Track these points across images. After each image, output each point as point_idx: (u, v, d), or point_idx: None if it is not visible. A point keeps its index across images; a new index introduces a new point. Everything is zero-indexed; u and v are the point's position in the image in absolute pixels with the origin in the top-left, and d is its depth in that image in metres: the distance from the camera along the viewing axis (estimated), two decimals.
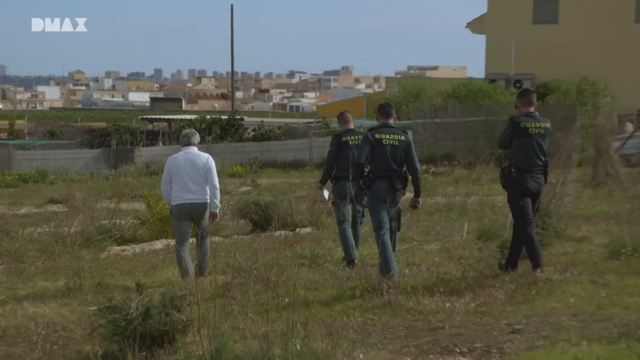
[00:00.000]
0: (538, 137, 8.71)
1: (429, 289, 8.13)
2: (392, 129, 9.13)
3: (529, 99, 8.88)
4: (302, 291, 8.43)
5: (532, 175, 8.67)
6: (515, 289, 7.98)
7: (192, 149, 10.31)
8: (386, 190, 8.94)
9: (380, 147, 8.98)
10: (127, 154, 39.18)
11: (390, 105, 9.38)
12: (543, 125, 8.75)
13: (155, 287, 9.20)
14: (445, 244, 10.88)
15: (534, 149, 8.69)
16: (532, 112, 8.84)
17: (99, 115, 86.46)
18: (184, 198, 10.05)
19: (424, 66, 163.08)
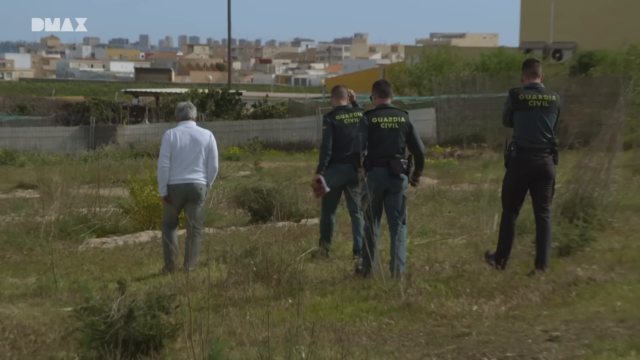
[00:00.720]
0: (540, 110, 8.76)
1: (454, 290, 8.13)
2: (390, 110, 9.26)
3: (532, 69, 8.94)
4: (308, 291, 8.43)
5: (534, 154, 8.73)
6: (553, 291, 7.98)
7: (192, 124, 10.49)
8: (384, 178, 9.07)
9: (378, 131, 9.11)
10: (108, 133, 39.24)
11: (387, 83, 9.52)
12: (547, 98, 8.79)
13: (140, 286, 9.21)
14: (473, 237, 10.87)
15: (535, 125, 8.76)
16: (536, 84, 8.89)
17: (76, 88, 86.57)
18: (183, 177, 10.27)
19: (450, 33, 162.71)
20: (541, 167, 8.79)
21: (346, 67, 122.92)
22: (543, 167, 8.79)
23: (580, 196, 11.08)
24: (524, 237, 10.38)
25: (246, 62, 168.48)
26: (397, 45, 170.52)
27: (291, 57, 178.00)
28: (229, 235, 12.36)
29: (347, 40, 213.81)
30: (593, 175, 11.30)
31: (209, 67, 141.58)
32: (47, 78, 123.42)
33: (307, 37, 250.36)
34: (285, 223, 13.21)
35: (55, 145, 38.17)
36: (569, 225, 10.08)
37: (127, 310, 6.44)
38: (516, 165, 8.85)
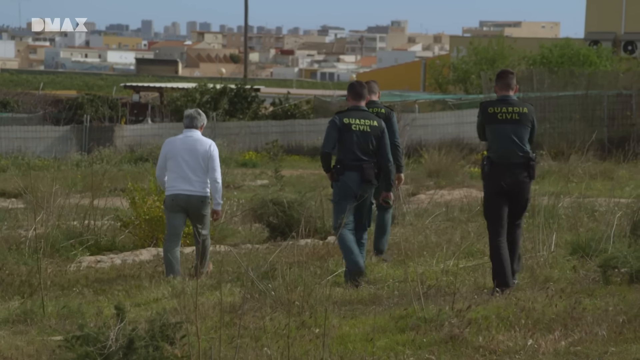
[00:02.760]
0: (511, 123, 9.58)
1: (505, 321, 8.12)
2: (363, 113, 10.36)
3: (506, 81, 9.76)
4: (336, 319, 8.44)
5: (507, 169, 9.53)
6: (623, 324, 7.94)
7: (194, 133, 11.40)
8: (356, 183, 10.21)
9: (348, 133, 10.22)
10: (104, 134, 39.41)
11: (362, 84, 10.65)
12: (517, 110, 9.61)
13: (140, 312, 9.25)
14: (527, 260, 10.84)
15: (507, 139, 9.57)
16: (508, 96, 9.71)
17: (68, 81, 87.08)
18: (179, 188, 11.19)
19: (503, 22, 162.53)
20: (514, 183, 9.55)
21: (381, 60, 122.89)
22: (516, 184, 9.57)
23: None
24: (587, 261, 10.36)
25: (265, 53, 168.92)
26: (440, 35, 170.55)
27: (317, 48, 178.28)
28: (243, 254, 12.39)
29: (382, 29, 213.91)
30: None
31: (222, 58, 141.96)
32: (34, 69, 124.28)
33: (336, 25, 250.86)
34: (309, 241, 13.22)
35: (43, 148, 38.37)
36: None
37: (126, 340, 6.48)
38: (490, 181, 9.64)
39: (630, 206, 11.86)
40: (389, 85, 50.77)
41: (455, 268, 10.67)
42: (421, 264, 11.11)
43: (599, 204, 15.34)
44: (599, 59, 40.38)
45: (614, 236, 10.75)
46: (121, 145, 37.85)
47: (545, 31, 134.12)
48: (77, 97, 50.94)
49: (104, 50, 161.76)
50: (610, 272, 9.51)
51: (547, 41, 44.99)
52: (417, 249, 12.11)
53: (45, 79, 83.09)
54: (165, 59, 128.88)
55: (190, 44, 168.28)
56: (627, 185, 18.49)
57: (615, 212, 12.39)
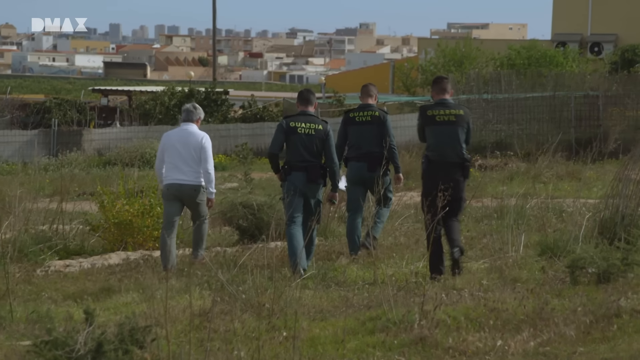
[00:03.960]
0: (448, 125, 10.45)
1: (475, 322, 8.14)
2: (309, 117, 11.34)
3: (441, 86, 10.71)
4: (306, 322, 8.45)
5: (443, 168, 10.39)
6: (591, 324, 7.99)
7: (190, 126, 12.23)
8: (301, 182, 11.17)
9: (294, 135, 11.23)
10: (72, 138, 39.26)
11: (310, 91, 11.69)
12: (454, 112, 10.51)
13: (110, 316, 9.22)
14: (496, 261, 10.89)
15: (444, 139, 10.45)
16: (445, 100, 10.63)
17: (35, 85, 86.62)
18: (173, 178, 12.01)
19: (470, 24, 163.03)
20: (451, 179, 10.30)
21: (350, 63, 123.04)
22: (453, 179, 10.34)
23: (621, 213, 11.09)
24: (555, 262, 10.41)
25: (234, 56, 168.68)
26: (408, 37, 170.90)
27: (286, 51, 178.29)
28: (213, 257, 12.37)
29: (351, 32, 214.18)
30: (636, 189, 11.31)
31: (191, 61, 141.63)
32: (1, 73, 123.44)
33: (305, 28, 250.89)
34: (279, 243, 13.22)
35: (10, 152, 38.16)
36: (608, 247, 10.10)
37: (95, 344, 6.45)
38: (427, 178, 10.51)
39: (598, 207, 11.91)
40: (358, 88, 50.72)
41: (424, 269, 10.71)
42: (391, 266, 11.13)
43: (567, 205, 15.43)
44: (565, 60, 40.59)
45: (582, 237, 10.82)
46: (89, 149, 37.72)
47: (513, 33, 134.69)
48: (44, 101, 50.64)
49: (71, 54, 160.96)
50: (578, 272, 9.57)
51: (514, 43, 45.17)
52: (387, 251, 12.14)
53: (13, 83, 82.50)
54: (134, 63, 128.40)
55: (158, 48, 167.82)
56: (595, 186, 18.59)
57: (583, 212, 12.46)
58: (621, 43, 44.38)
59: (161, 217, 13.56)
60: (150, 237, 13.86)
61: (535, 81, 33.11)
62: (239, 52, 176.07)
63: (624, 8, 45.39)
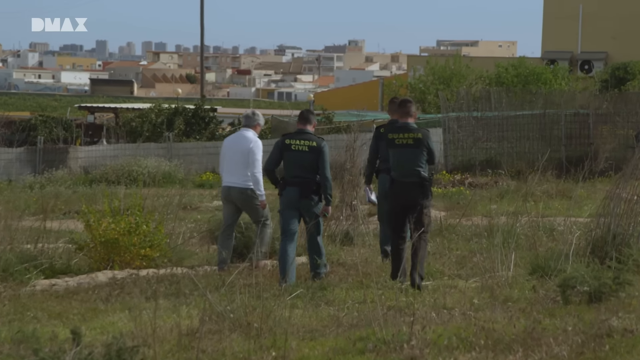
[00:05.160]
0: (406, 147, 11.27)
1: (466, 342, 8.14)
2: (305, 135, 11.94)
3: (405, 109, 11.51)
4: (295, 341, 8.43)
5: (404, 187, 11.25)
6: (582, 344, 7.99)
7: (246, 131, 12.96)
8: (294, 198, 11.82)
9: (289, 152, 11.88)
10: (58, 155, 39.14)
11: (310, 111, 12.47)
12: (412, 136, 11.28)
13: (96, 335, 9.19)
14: (487, 280, 10.89)
15: (403, 161, 11.29)
16: (407, 123, 11.40)
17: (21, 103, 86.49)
18: (226, 181, 12.99)
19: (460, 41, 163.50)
20: (410, 199, 11.24)
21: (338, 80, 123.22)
22: (412, 199, 11.23)
23: (612, 232, 11.12)
24: (546, 281, 10.42)
25: (222, 73, 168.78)
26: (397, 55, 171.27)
27: (274, 68, 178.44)
28: (201, 276, 12.36)
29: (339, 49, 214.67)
30: (627, 208, 11.33)
31: (178, 78, 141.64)
32: None
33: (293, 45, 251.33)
34: (268, 262, 13.21)
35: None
36: (600, 266, 10.12)
37: None
38: (391, 197, 11.48)
39: (589, 226, 11.94)
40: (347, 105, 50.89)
41: (414, 289, 10.70)
42: (380, 285, 11.12)
43: (558, 224, 15.45)
44: (555, 78, 40.70)
45: (573, 256, 10.83)
46: (76, 167, 37.59)
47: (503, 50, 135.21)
48: (30, 119, 50.57)
49: (57, 71, 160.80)
50: (570, 291, 9.57)
51: (504, 60, 45.29)
52: (376, 270, 12.13)
53: None
54: (120, 80, 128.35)
55: (145, 64, 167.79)
56: (585, 205, 18.62)
57: (574, 231, 12.48)
58: (611, 61, 44.54)
59: (147, 235, 13.58)
60: (137, 256, 13.81)
61: (525, 99, 33.18)
62: (226, 69, 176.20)
63: (614, 26, 45.57)
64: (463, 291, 10.76)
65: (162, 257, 13.79)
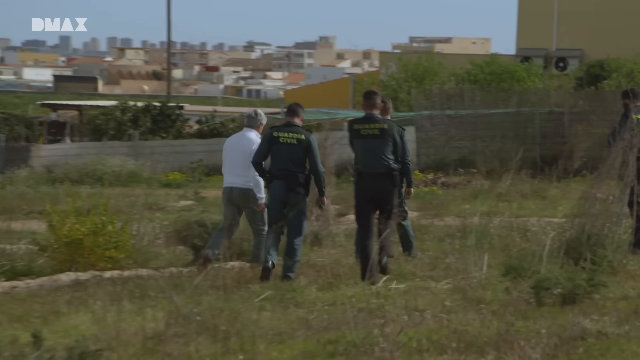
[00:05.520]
0: (372, 138, 11.49)
1: (437, 344, 8.15)
2: (293, 127, 12.04)
3: (370, 101, 11.70)
4: (263, 345, 8.42)
5: (372, 178, 11.46)
6: (556, 346, 8.02)
7: (249, 132, 13.03)
8: (281, 191, 11.89)
9: (277, 145, 11.94)
10: (20, 154, 38.92)
11: (298, 104, 12.43)
12: (378, 127, 11.51)
13: (58, 339, 9.14)
14: (460, 282, 10.92)
15: (370, 151, 11.50)
16: (373, 114, 11.63)
17: None
18: (226, 181, 13.05)
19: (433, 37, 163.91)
20: (379, 190, 11.48)
21: (309, 77, 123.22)
22: (380, 190, 11.48)
23: (587, 233, 11.17)
24: (520, 282, 10.45)
25: (189, 69, 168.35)
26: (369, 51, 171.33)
27: (243, 64, 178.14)
28: (167, 277, 12.33)
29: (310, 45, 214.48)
30: (602, 208, 11.39)
31: (144, 75, 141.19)
32: None
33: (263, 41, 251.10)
34: (236, 263, 13.20)
35: None
36: (574, 267, 10.17)
37: None
38: (358, 189, 11.64)
39: (563, 226, 11.99)
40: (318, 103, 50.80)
41: (385, 290, 10.71)
42: (351, 287, 11.12)
43: (532, 224, 15.51)
44: (529, 75, 40.81)
45: (547, 257, 10.86)
46: (38, 166, 37.41)
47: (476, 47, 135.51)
48: None
49: (19, 67, 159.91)
50: (543, 293, 9.61)
51: (478, 57, 45.37)
52: (347, 271, 12.14)
53: None
54: (85, 76, 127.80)
55: (110, 61, 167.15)
56: (560, 205, 18.71)
57: (548, 232, 12.53)
58: (587, 58, 44.70)
59: (113, 235, 13.55)
60: (101, 257, 13.75)
61: (499, 97, 33.29)
62: (194, 66, 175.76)
63: (589, 23, 45.74)
64: (435, 293, 10.78)
65: (127, 259, 13.77)
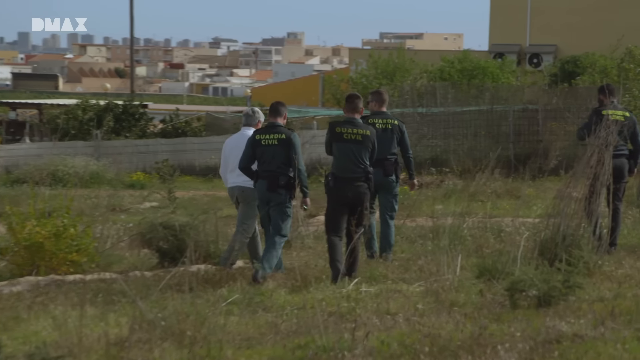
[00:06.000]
0: (354, 143, 11.84)
1: (410, 349, 8.16)
2: (275, 128, 12.36)
3: (353, 105, 12.07)
4: (231, 350, 8.41)
5: (349, 183, 11.82)
6: (531, 350, 8.05)
7: (248, 130, 13.06)
8: (263, 190, 12.27)
9: (259, 147, 12.27)
10: None
11: (281, 103, 12.76)
12: (361, 132, 11.86)
13: (18, 346, 9.10)
14: (432, 284, 10.93)
15: (349, 156, 11.84)
16: (354, 119, 12.00)
17: None
18: (229, 181, 13.25)
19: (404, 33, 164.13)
20: (355, 195, 11.80)
21: (277, 74, 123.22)
22: (357, 195, 11.81)
23: (562, 233, 11.20)
24: (494, 284, 10.49)
25: (153, 67, 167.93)
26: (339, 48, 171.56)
27: (209, 62, 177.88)
28: (131, 281, 12.29)
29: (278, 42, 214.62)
30: (578, 208, 11.44)
31: (106, 72, 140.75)
32: None
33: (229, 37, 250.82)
34: (202, 266, 13.17)
35: None
36: (549, 269, 10.19)
37: None
38: (334, 194, 11.92)
39: (537, 226, 12.04)
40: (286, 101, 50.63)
41: (356, 293, 10.72)
42: (321, 290, 11.13)
43: (506, 224, 15.55)
44: (501, 72, 40.97)
45: (521, 258, 10.90)
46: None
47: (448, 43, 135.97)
48: None
49: None
50: (518, 295, 9.64)
51: (449, 54, 45.50)
52: (317, 274, 12.14)
53: None
54: (45, 74, 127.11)
55: (71, 58, 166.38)
56: (534, 205, 18.79)
57: (522, 232, 12.58)
58: (561, 54, 44.94)
59: (75, 238, 13.48)
60: (63, 261, 13.68)
61: (472, 94, 33.36)
62: (158, 63, 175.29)
63: (563, 18, 45.97)
64: (407, 296, 10.79)
65: (89, 262, 13.71)
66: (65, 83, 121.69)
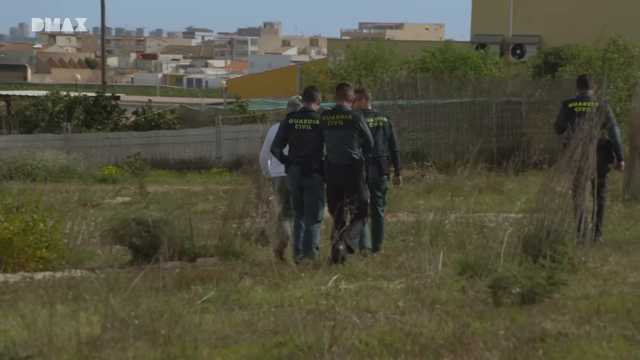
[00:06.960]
0: (338, 129, 12.51)
1: (390, 347, 8.17)
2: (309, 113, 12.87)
3: (341, 92, 12.79)
4: (206, 349, 8.40)
5: (339, 168, 12.51)
6: (515, 349, 8.07)
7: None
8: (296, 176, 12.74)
9: (292, 132, 12.74)
10: None
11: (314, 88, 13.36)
12: (343, 117, 12.50)
13: None
14: (413, 281, 10.94)
15: (336, 141, 12.52)
16: (342, 105, 12.66)
17: None
18: (274, 171, 13.80)
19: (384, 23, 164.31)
20: (345, 180, 12.56)
21: (253, 65, 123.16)
22: (346, 180, 12.55)
23: (546, 229, 11.23)
24: (476, 281, 10.50)
25: (125, 57, 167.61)
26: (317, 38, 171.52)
27: (183, 52, 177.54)
28: (103, 279, 12.26)
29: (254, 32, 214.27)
30: (562, 202, 11.47)
31: (77, 63, 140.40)
32: None
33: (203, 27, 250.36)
34: (176, 263, 13.16)
35: None
36: (533, 265, 10.22)
37: None
38: (327, 178, 12.67)
39: (521, 222, 12.07)
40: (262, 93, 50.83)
41: (335, 291, 10.72)
42: (299, 287, 11.12)
43: (488, 220, 15.60)
44: (485, 64, 41.04)
45: (505, 254, 10.92)
46: None
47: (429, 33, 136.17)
48: None
49: None
50: (501, 292, 9.66)
51: (430, 44, 45.55)
52: (295, 271, 12.14)
53: None
54: (12, 64, 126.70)
55: (40, 48, 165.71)
56: (518, 199, 18.81)
57: (505, 228, 12.60)
58: (544, 45, 45.05)
59: (44, 234, 13.44)
60: (32, 258, 13.64)
61: (453, 86, 33.41)
62: (130, 53, 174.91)
63: (546, 7, 46.06)
64: (388, 293, 10.80)
65: (59, 259, 13.67)
66: (33, 74, 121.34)
